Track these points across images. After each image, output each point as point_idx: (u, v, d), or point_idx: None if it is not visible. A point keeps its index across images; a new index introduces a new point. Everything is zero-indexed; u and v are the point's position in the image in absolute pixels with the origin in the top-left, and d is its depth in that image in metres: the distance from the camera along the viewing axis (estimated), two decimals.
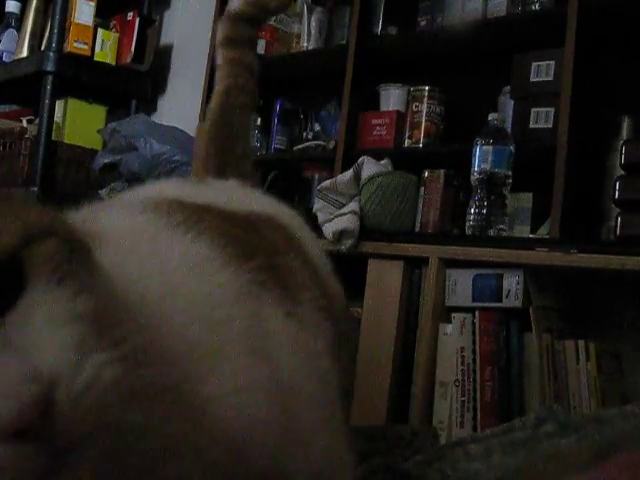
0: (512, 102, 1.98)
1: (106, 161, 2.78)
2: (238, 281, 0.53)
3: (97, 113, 3.12)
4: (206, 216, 0.57)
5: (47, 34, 3.03)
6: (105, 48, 3.03)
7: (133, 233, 0.52)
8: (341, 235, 1.92)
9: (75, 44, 2.93)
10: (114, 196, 2.68)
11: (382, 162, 2.07)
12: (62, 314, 0.37)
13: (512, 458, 0.62)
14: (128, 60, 3.04)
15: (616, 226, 1.59)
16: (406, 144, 2.17)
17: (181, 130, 2.87)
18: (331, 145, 2.36)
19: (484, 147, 1.82)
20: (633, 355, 1.70)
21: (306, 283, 0.61)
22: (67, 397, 0.35)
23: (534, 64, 1.92)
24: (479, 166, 1.83)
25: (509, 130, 1.90)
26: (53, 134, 2.90)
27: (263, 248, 0.58)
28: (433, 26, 2.17)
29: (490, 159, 1.81)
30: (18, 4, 3.25)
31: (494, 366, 1.67)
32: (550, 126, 1.86)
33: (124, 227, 0.53)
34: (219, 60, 0.96)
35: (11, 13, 3.24)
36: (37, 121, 2.92)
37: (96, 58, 3.00)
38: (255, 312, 0.53)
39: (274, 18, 2.55)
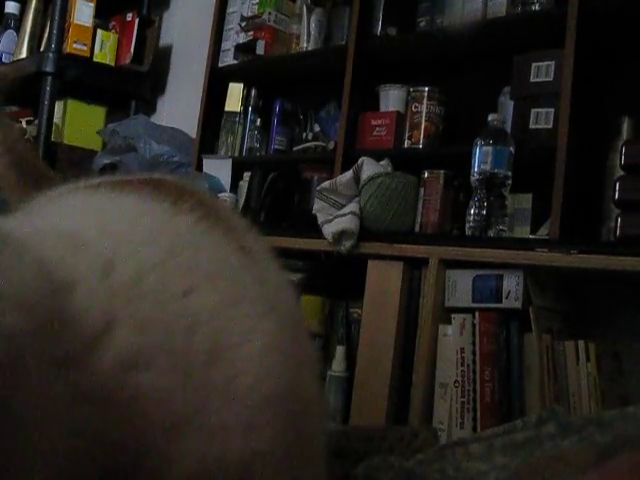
0: (512, 103, 1.97)
1: (105, 162, 2.78)
2: (185, 222, 0.54)
3: (96, 114, 3.12)
4: (121, 185, 0.59)
5: (46, 35, 3.04)
6: (104, 49, 3.03)
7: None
8: (341, 236, 1.92)
9: (74, 45, 2.93)
10: None
11: (382, 163, 2.07)
12: None
13: (514, 458, 0.62)
14: (127, 61, 3.05)
15: (616, 227, 1.59)
16: (406, 145, 2.17)
17: (180, 131, 2.88)
18: (331, 146, 2.36)
19: (484, 148, 1.82)
20: (633, 356, 1.70)
21: (226, 219, 0.61)
22: None
23: (534, 64, 1.92)
24: (479, 167, 1.83)
25: (509, 131, 1.90)
26: (52, 135, 2.90)
27: (181, 195, 0.59)
28: (433, 26, 2.17)
29: (490, 160, 1.81)
30: (17, 5, 3.25)
31: (494, 367, 1.66)
32: (550, 127, 1.86)
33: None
34: None
35: (10, 14, 3.24)
36: (36, 122, 2.92)
37: (95, 59, 3.01)
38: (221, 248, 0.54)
39: (273, 19, 2.55)
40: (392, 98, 2.25)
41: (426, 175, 2.03)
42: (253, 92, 2.63)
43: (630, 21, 1.83)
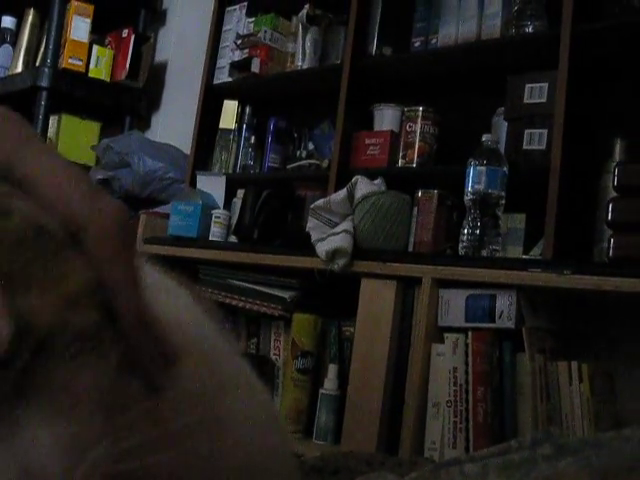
0: (506, 123, 1.99)
1: (99, 177, 2.78)
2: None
3: (91, 129, 3.12)
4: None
5: (42, 50, 3.05)
6: (100, 64, 3.04)
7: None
8: (334, 254, 1.92)
9: (70, 60, 2.94)
10: None
11: (376, 182, 2.07)
12: (66, 396, 0.33)
13: (509, 479, 0.62)
14: (123, 77, 3.06)
15: (609, 247, 1.59)
16: (400, 164, 2.18)
17: (175, 147, 2.88)
18: (325, 164, 2.36)
19: (478, 168, 1.83)
20: (626, 376, 1.70)
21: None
22: None
23: (528, 86, 1.93)
24: (472, 187, 1.83)
25: (503, 151, 1.90)
26: None
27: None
28: (427, 47, 2.19)
29: (484, 180, 1.82)
30: (14, 20, 3.26)
31: (487, 387, 1.66)
32: (543, 147, 1.87)
33: None
34: None
35: (6, 29, 3.26)
36: None
37: (91, 74, 3.02)
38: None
39: (268, 37, 2.56)
40: (386, 117, 2.26)
41: (420, 194, 2.03)
42: (248, 109, 2.64)
43: (622, 43, 1.85)
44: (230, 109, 2.64)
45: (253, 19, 2.66)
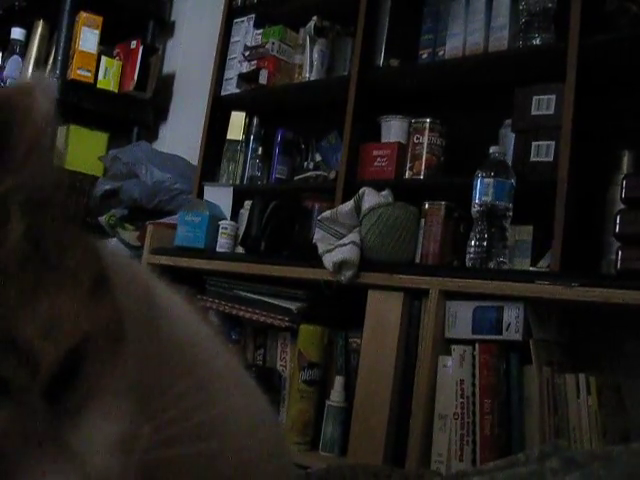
0: (513, 135, 1.99)
1: (107, 188, 2.79)
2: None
3: (99, 140, 3.13)
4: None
5: (51, 61, 3.06)
6: (108, 76, 3.05)
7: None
8: (341, 266, 1.92)
9: (78, 71, 2.96)
10: (113, 222, 2.70)
11: (383, 193, 2.07)
12: (115, 400, 0.35)
13: None
14: (131, 88, 3.07)
15: (617, 260, 1.59)
16: (407, 175, 2.18)
17: (182, 158, 2.89)
18: (332, 175, 2.36)
19: (485, 180, 1.83)
20: (634, 389, 1.69)
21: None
22: None
23: (535, 98, 1.93)
24: (480, 198, 1.83)
25: (510, 163, 1.90)
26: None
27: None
28: (435, 59, 2.19)
29: (491, 192, 1.82)
30: (23, 31, 3.28)
31: (494, 399, 1.66)
32: (551, 159, 1.87)
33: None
34: None
35: (16, 40, 3.27)
36: None
37: (99, 85, 3.03)
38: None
39: (276, 49, 2.57)
40: (394, 129, 2.26)
41: (427, 206, 2.03)
42: (255, 121, 2.65)
43: (630, 55, 1.85)
44: (238, 120, 2.65)
45: (261, 31, 2.66)
